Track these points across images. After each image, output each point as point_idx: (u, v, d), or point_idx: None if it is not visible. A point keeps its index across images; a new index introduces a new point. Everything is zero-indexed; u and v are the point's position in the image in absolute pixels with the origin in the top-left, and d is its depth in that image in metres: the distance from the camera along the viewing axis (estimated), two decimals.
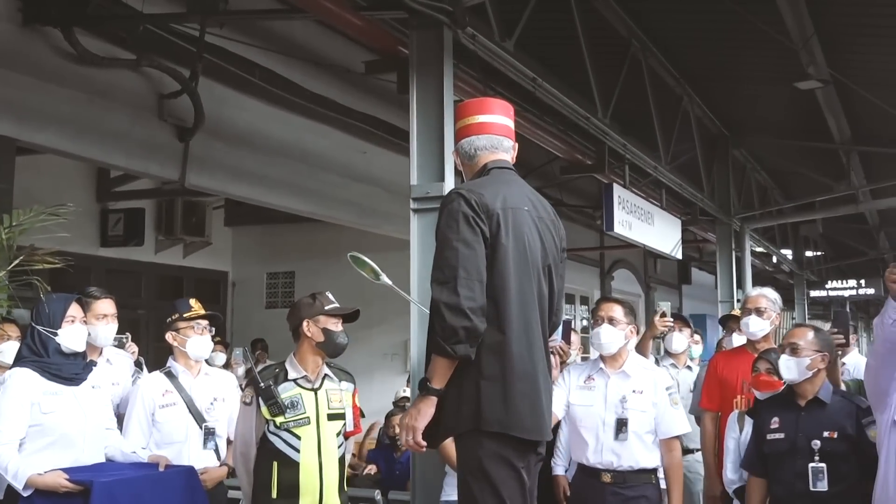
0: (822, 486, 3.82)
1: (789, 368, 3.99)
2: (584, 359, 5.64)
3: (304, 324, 4.09)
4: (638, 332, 4.88)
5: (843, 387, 4.49)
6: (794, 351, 3.99)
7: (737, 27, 8.02)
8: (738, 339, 5.55)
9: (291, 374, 4.08)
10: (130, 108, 6.93)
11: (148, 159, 7.19)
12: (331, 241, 11.61)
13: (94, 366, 3.94)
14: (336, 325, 4.13)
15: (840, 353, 4.49)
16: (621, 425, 4.19)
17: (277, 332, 10.66)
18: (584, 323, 16.13)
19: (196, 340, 4.35)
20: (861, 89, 9.11)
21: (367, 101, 8.64)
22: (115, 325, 4.49)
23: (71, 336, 3.78)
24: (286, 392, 4.01)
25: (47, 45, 6.30)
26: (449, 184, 5.04)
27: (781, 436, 3.97)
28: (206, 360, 4.67)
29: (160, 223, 10.88)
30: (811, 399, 3.99)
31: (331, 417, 4.07)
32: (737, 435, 4.56)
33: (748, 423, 4.46)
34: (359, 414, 4.35)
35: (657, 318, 5.82)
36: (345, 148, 9.00)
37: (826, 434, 3.87)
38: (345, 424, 4.14)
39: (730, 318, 5.81)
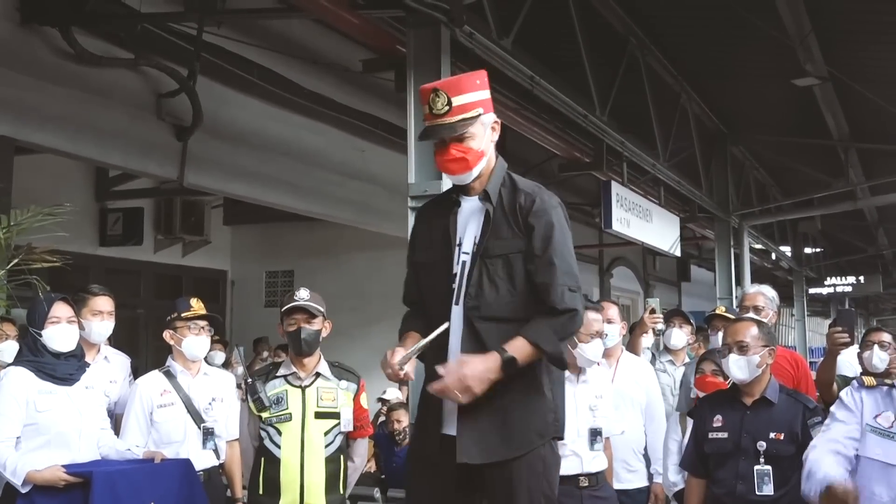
0: (769, 489, 3.62)
1: (740, 368, 3.74)
2: None
3: (278, 327, 4.11)
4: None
5: (835, 386, 4.44)
6: (743, 349, 3.74)
7: (734, 24, 8.03)
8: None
9: (281, 371, 4.05)
10: (128, 108, 6.94)
11: (146, 158, 7.20)
12: (329, 239, 11.63)
13: (88, 367, 3.94)
14: (294, 324, 3.98)
15: (841, 351, 4.40)
16: (595, 434, 4.13)
17: (276, 331, 10.72)
18: None
19: (192, 340, 4.34)
20: (859, 86, 9.12)
21: (365, 100, 8.65)
22: (110, 323, 4.46)
23: (54, 336, 3.77)
24: (274, 389, 3.98)
25: (45, 45, 6.30)
26: (446, 183, 5.03)
27: (724, 435, 3.75)
28: (206, 360, 4.68)
29: (159, 222, 10.87)
30: (758, 398, 3.77)
31: (318, 416, 3.97)
32: (678, 437, 4.52)
33: (690, 424, 4.33)
34: (366, 415, 4.22)
35: (647, 314, 5.83)
36: (343, 146, 9.01)
37: (772, 435, 3.66)
38: (338, 424, 4.02)
39: (714, 316, 5.78)
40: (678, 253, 11.76)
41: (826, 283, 21.78)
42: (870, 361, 4.79)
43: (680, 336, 6.04)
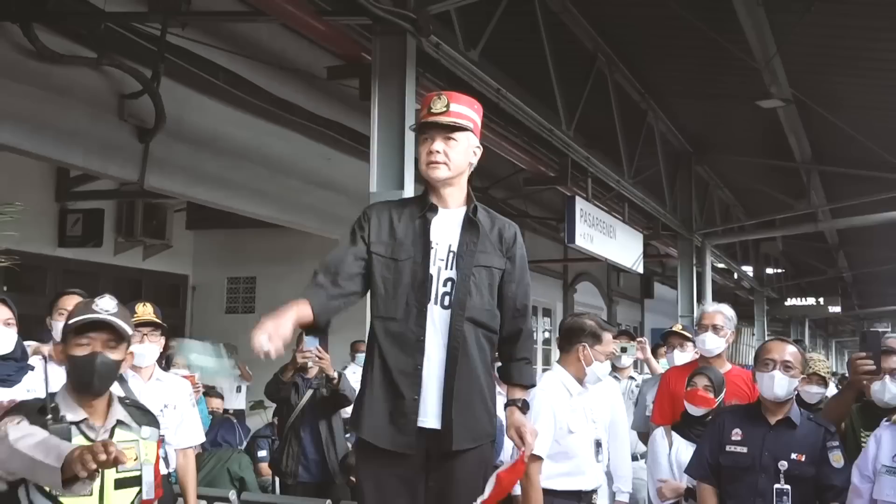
0: None
1: (782, 387, 3.73)
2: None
3: (55, 349, 3.15)
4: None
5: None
6: (788, 369, 3.76)
7: (701, 45, 8.12)
8: (679, 356, 5.54)
9: (69, 415, 2.77)
10: (90, 107, 6.82)
11: (106, 159, 7.08)
12: (293, 247, 11.52)
13: (31, 369, 3.83)
14: (84, 347, 2.80)
15: (866, 382, 3.84)
16: (598, 446, 4.17)
17: (236, 338, 10.60)
18: (546, 335, 16.18)
19: (135, 348, 4.24)
20: (822, 110, 9.24)
21: (333, 107, 8.60)
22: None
23: None
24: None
25: (5, 41, 6.18)
26: (409, 192, 5.00)
27: (744, 450, 3.78)
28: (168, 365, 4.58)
29: (120, 224, 10.72)
30: (782, 418, 3.78)
31: (120, 484, 2.80)
32: (666, 450, 4.51)
33: (676, 438, 4.44)
34: (160, 473, 3.12)
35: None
36: (308, 153, 8.95)
37: (794, 456, 3.69)
38: (139, 493, 2.86)
39: (671, 333, 5.79)
40: (640, 270, 11.84)
41: (787, 303, 22.04)
42: (881, 395, 3.83)
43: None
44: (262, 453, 7.13)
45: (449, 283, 2.99)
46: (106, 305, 2.86)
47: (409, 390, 2.95)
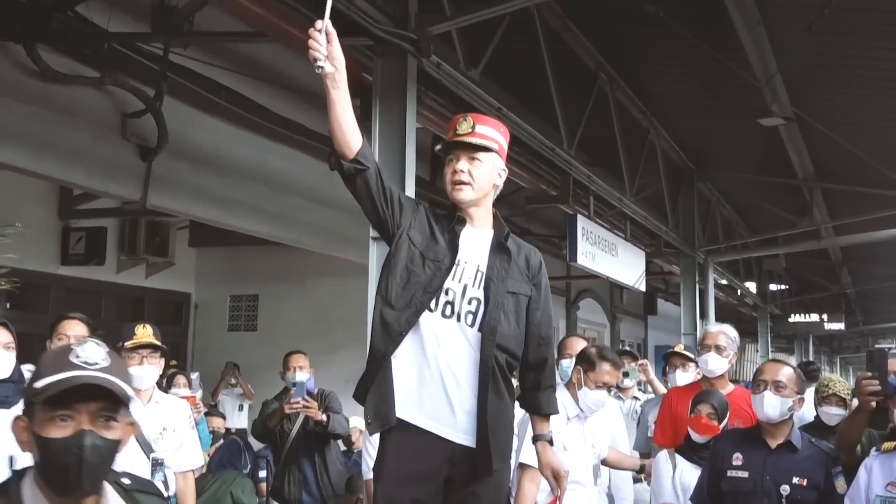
0: None
1: (773, 407, 3.72)
2: None
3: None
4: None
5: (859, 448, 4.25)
6: (779, 389, 3.74)
7: (702, 63, 8.12)
8: (681, 377, 5.54)
9: None
10: (93, 127, 6.85)
11: (109, 178, 7.10)
12: (295, 264, 11.55)
13: None
14: (64, 424, 1.77)
15: (875, 403, 3.57)
16: (597, 470, 4.27)
17: (239, 356, 10.59)
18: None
19: (134, 370, 4.22)
20: (823, 127, 9.24)
21: None
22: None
23: None
24: None
25: (9, 61, 6.22)
26: None
27: (745, 475, 3.75)
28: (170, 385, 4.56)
29: (123, 242, 10.74)
30: (782, 442, 3.76)
31: None
32: (670, 473, 4.49)
33: (680, 461, 4.43)
34: None
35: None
36: (310, 172, 8.94)
37: (795, 480, 3.66)
38: None
39: (673, 354, 5.78)
40: (643, 288, 11.81)
41: (790, 320, 22.00)
42: None
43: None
44: (262, 473, 7.12)
45: (474, 303, 2.98)
46: (92, 356, 1.80)
47: (369, 375, 2.98)
